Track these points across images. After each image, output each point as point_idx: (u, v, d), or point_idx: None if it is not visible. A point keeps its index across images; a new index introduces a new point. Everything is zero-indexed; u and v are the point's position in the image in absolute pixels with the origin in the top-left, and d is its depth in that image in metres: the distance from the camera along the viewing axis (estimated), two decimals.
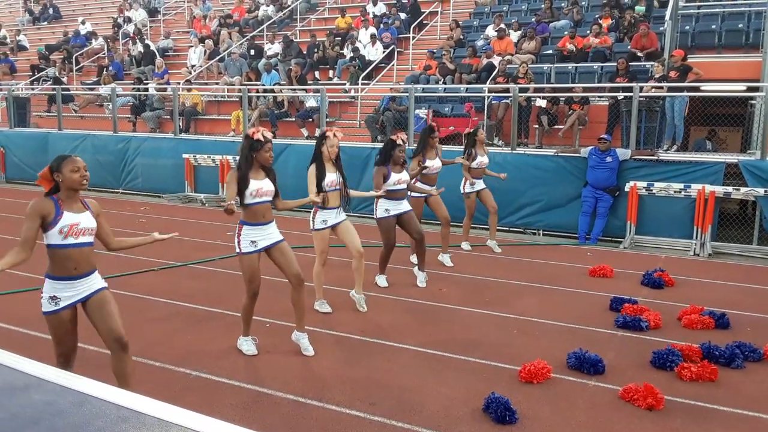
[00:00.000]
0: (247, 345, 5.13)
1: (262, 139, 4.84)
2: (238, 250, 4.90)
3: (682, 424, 4.03)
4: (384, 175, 6.66)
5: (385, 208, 6.77)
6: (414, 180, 7.62)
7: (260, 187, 4.85)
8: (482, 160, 8.64)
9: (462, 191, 8.70)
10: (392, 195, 6.75)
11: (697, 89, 10.61)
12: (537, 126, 11.84)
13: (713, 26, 13.10)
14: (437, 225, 8.22)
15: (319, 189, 5.76)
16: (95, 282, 3.77)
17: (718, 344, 5.09)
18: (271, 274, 5.71)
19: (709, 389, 4.54)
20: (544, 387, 4.55)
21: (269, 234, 4.94)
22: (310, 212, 6.04)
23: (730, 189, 9.10)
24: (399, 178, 6.75)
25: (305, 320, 5.18)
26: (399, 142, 6.70)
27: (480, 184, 8.73)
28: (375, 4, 18.02)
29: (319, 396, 4.34)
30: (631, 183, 9.58)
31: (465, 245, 9.01)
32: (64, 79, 19.07)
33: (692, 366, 4.74)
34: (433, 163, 7.77)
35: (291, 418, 4.03)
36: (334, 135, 5.82)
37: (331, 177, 5.84)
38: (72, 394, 1.33)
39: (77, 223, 3.62)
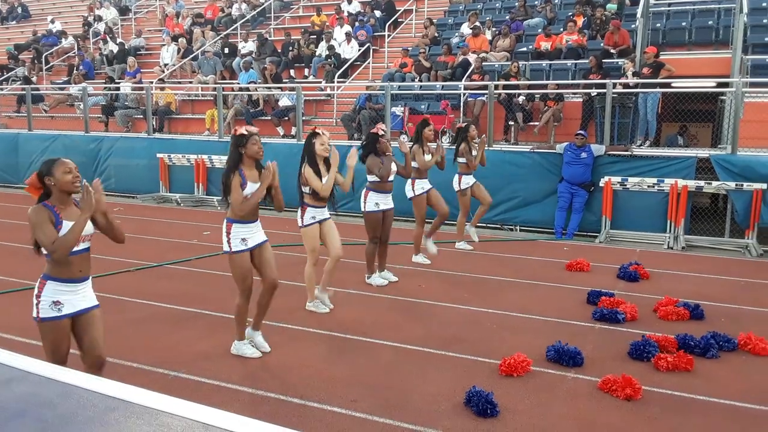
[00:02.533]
0: (247, 349, 4.96)
1: (245, 132, 4.78)
2: (227, 249, 4.80)
3: (660, 413, 4.09)
4: (380, 162, 6.72)
5: (375, 202, 6.81)
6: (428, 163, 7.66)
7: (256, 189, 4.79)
8: (475, 154, 8.67)
9: (457, 188, 8.67)
10: (382, 187, 6.79)
11: (668, 85, 10.76)
12: (512, 123, 11.93)
13: (684, 23, 13.31)
14: (412, 223, 8.22)
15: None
16: (91, 293, 3.70)
17: (694, 335, 5.18)
18: None
19: (685, 379, 4.62)
20: (524, 380, 4.58)
21: (257, 232, 4.88)
22: (296, 210, 5.99)
23: (702, 183, 9.25)
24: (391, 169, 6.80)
25: (262, 322, 5.12)
26: (381, 132, 6.74)
27: (471, 179, 8.74)
28: (350, 2, 17.98)
29: (300, 393, 4.32)
30: (606, 178, 9.69)
31: (463, 244, 8.92)
32: (34, 79, 18.73)
33: (668, 356, 4.82)
34: (429, 158, 7.78)
35: (272, 416, 4.00)
36: (323, 132, 5.81)
37: (326, 177, 5.81)
38: (57, 386, 1.31)
39: None
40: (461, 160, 8.59)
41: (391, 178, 6.89)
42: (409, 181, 7.69)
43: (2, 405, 1.26)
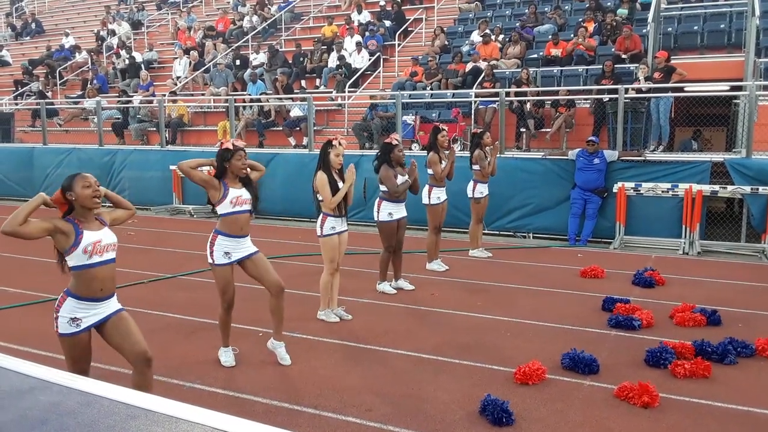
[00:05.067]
0: (225, 356, 5.06)
1: (231, 147, 4.80)
2: (210, 261, 4.88)
3: (678, 421, 4.03)
4: (394, 175, 6.73)
5: (388, 212, 6.83)
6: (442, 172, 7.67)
7: (239, 195, 4.83)
8: (488, 161, 8.63)
9: (471, 196, 8.61)
10: (395, 197, 6.80)
11: (681, 90, 10.70)
12: (524, 130, 11.91)
13: (695, 27, 13.24)
14: (425, 231, 8.22)
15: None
16: (114, 304, 3.73)
17: (711, 341, 5.12)
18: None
19: (703, 385, 4.56)
20: (540, 388, 4.54)
21: (244, 247, 4.89)
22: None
23: (716, 187, 9.17)
24: (404, 179, 6.82)
25: (282, 329, 5.11)
26: (395, 142, 6.75)
27: (486, 189, 8.68)
28: (360, 12, 18.07)
29: (314, 403, 4.31)
30: (619, 184, 9.63)
31: (480, 252, 8.87)
32: (48, 94, 18.95)
33: (686, 363, 4.76)
34: (443, 164, 7.76)
35: (287, 426, 3.99)
36: (339, 143, 5.78)
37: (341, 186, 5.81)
38: (78, 395, 1.33)
39: (99, 240, 3.56)
40: (476, 167, 8.55)
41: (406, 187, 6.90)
42: (426, 187, 7.70)
43: (25, 414, 1.27)
